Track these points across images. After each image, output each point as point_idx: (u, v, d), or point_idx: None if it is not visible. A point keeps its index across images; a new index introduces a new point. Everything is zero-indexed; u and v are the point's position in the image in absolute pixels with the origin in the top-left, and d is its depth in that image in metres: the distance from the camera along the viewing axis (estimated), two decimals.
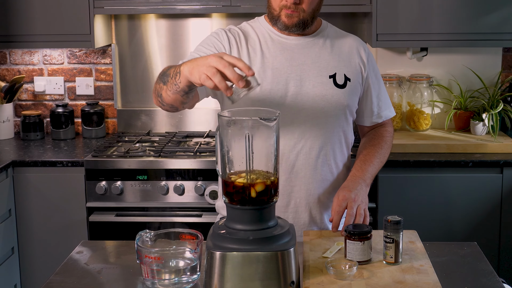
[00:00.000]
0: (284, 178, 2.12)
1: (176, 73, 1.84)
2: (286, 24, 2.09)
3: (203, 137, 3.51)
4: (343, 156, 2.21)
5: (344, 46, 2.19)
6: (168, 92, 1.91)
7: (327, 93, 2.12)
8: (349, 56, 2.18)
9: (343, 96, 2.13)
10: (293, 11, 2.07)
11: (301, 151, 2.11)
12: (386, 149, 2.27)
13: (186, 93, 1.90)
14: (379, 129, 2.32)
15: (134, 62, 3.65)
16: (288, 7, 2.06)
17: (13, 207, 3.15)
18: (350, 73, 2.16)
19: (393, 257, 1.75)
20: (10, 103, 3.61)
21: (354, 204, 1.99)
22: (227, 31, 2.17)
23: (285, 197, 2.14)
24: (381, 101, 2.27)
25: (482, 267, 1.87)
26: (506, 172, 3.04)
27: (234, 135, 1.67)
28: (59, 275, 1.85)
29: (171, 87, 1.88)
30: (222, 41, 2.14)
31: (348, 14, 3.52)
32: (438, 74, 3.54)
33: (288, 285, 1.63)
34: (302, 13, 2.08)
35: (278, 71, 2.10)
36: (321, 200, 2.16)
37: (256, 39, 2.15)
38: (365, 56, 2.21)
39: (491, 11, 3.18)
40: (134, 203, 3.11)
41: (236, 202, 1.67)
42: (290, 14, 2.07)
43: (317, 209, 2.16)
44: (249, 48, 2.14)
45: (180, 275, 1.71)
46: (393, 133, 2.35)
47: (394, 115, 2.35)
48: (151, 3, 3.29)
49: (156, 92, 1.99)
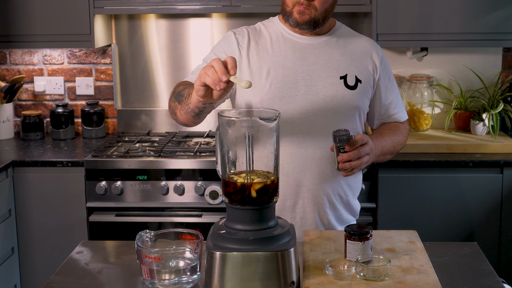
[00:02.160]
0: (292, 177, 2.12)
1: (189, 94, 1.94)
2: (298, 20, 2.10)
3: (203, 137, 3.51)
4: None
5: (356, 48, 2.19)
6: (182, 111, 2.02)
7: (337, 93, 2.12)
8: (361, 57, 2.18)
9: (353, 97, 2.13)
10: (305, 8, 2.07)
11: (309, 151, 2.11)
12: (400, 136, 2.25)
13: (196, 115, 1.99)
14: (395, 122, 2.30)
15: (134, 62, 3.65)
16: (301, 3, 2.07)
17: (13, 207, 3.15)
18: (361, 75, 2.16)
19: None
20: (10, 103, 3.61)
21: (367, 149, 1.99)
22: (236, 32, 2.19)
23: (292, 197, 2.13)
24: (393, 103, 2.26)
25: (482, 267, 1.87)
26: (506, 172, 3.04)
27: (234, 135, 1.67)
28: (59, 275, 1.85)
29: (184, 107, 1.99)
30: (232, 45, 2.16)
31: (348, 14, 3.52)
32: (438, 74, 3.54)
33: (288, 285, 1.63)
34: (314, 11, 2.08)
35: (288, 70, 2.11)
36: (330, 201, 2.16)
37: (268, 38, 2.17)
38: (378, 59, 2.21)
39: (491, 11, 3.18)
40: (134, 203, 3.11)
41: (236, 202, 1.67)
42: (302, 11, 2.08)
43: (324, 210, 2.16)
44: (260, 47, 2.15)
45: (180, 275, 1.71)
46: (408, 131, 2.33)
47: (406, 118, 2.32)
48: (151, 3, 3.29)
49: (171, 109, 2.09)
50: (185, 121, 2.07)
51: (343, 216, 2.20)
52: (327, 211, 2.16)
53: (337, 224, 2.19)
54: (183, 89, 2.02)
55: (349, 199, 2.20)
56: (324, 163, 2.12)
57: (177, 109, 2.04)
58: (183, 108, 1.99)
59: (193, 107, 1.92)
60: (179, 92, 2.04)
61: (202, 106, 1.90)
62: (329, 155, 2.11)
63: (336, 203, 2.17)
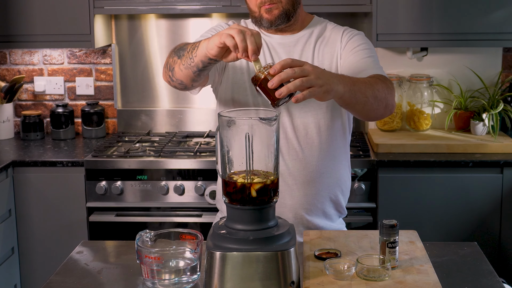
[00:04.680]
0: None
1: (194, 47, 1.85)
2: (269, 19, 2.08)
3: (203, 137, 3.51)
4: (345, 148, 2.20)
5: (329, 39, 2.16)
6: (181, 66, 1.91)
7: None
8: (332, 48, 2.14)
9: None
10: (270, 4, 2.06)
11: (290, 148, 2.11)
12: (373, 79, 1.94)
13: (199, 70, 1.89)
14: None
15: (134, 62, 3.65)
16: (264, 2, 2.06)
17: (13, 207, 3.15)
18: (333, 65, 2.13)
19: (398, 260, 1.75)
20: (10, 103, 3.61)
21: (304, 70, 1.67)
22: (228, 24, 2.19)
23: None
24: (360, 67, 2.04)
25: (482, 267, 1.87)
26: (506, 172, 3.04)
27: (234, 135, 1.67)
28: (59, 275, 1.85)
29: (186, 61, 1.89)
30: None
31: (348, 14, 3.52)
32: (438, 74, 3.54)
33: (288, 285, 1.63)
34: (280, 4, 2.07)
35: None
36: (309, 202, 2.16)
37: None
38: (346, 40, 2.13)
39: (491, 11, 3.18)
40: (134, 203, 3.11)
41: (236, 202, 1.67)
42: (269, 9, 2.07)
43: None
44: None
45: (180, 275, 1.71)
46: (387, 80, 1.99)
47: (383, 75, 2.01)
48: (151, 3, 3.29)
49: (168, 66, 1.98)
50: (182, 78, 1.94)
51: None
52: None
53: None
54: (186, 44, 1.95)
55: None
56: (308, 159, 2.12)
57: (175, 64, 1.93)
58: (184, 62, 1.89)
59: (197, 61, 1.84)
60: (181, 47, 1.95)
61: (208, 61, 1.84)
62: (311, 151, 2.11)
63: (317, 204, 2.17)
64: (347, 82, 1.80)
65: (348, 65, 2.06)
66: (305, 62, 1.69)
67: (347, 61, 2.07)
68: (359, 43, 2.10)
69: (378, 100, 1.89)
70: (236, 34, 1.69)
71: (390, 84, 1.98)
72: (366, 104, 1.87)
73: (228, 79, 2.14)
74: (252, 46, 1.69)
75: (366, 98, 1.85)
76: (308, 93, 1.66)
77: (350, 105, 1.86)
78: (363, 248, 1.86)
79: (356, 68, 2.03)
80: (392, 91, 1.96)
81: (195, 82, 1.97)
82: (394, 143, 3.20)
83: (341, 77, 1.81)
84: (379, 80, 1.94)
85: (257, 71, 1.69)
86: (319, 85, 1.68)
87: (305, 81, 1.65)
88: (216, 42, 1.73)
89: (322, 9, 3.23)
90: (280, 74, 1.64)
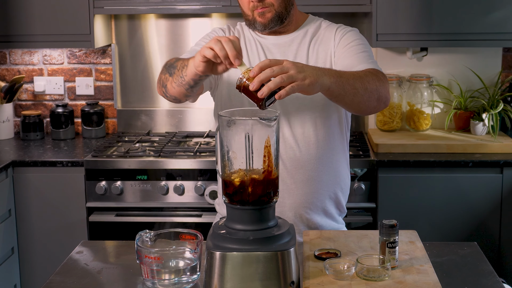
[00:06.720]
0: None
1: (183, 66, 1.88)
2: (263, 23, 2.09)
3: (203, 137, 3.51)
4: (342, 147, 2.20)
5: (323, 38, 2.16)
6: (173, 84, 1.94)
7: None
8: (326, 46, 2.14)
9: None
10: (262, 7, 2.07)
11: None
12: (363, 72, 1.93)
13: (191, 87, 1.92)
14: None
15: (134, 62, 3.65)
16: (256, 6, 2.07)
17: (13, 207, 3.15)
18: (328, 63, 2.12)
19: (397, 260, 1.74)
20: (10, 103, 3.61)
21: (284, 67, 1.67)
22: (223, 29, 2.20)
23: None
24: (354, 61, 2.03)
25: (482, 267, 1.87)
26: (506, 172, 3.04)
27: (234, 135, 1.67)
28: (59, 275, 1.85)
29: (177, 79, 1.92)
30: None
31: (348, 14, 3.52)
32: (438, 74, 3.54)
33: (288, 285, 1.63)
34: (272, 7, 2.07)
35: None
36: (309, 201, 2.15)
37: (242, 39, 2.18)
38: (339, 37, 2.13)
39: (491, 11, 3.18)
40: (134, 203, 3.11)
41: (236, 202, 1.67)
42: (262, 12, 2.07)
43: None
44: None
45: (180, 275, 1.71)
46: (380, 73, 1.98)
47: (376, 68, 2.00)
48: (151, 3, 3.29)
49: (161, 82, 2.01)
50: (176, 95, 1.98)
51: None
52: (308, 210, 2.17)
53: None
54: (176, 61, 1.97)
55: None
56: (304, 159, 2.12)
57: (167, 81, 1.97)
58: (176, 80, 1.92)
59: (188, 79, 1.87)
60: (171, 64, 1.98)
61: (199, 78, 1.86)
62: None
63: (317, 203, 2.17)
64: (333, 74, 1.80)
65: (341, 62, 2.07)
66: (284, 60, 1.70)
67: (341, 58, 2.08)
68: (352, 39, 2.11)
69: (368, 91, 1.87)
70: (213, 45, 1.72)
71: (382, 76, 1.96)
72: (356, 95, 1.85)
73: (224, 83, 2.15)
74: (231, 52, 1.71)
75: (355, 90, 1.84)
76: (290, 88, 1.67)
77: (339, 97, 1.84)
78: (363, 248, 1.86)
79: (349, 63, 2.03)
80: (384, 83, 1.94)
81: (188, 96, 2.00)
82: (394, 143, 3.20)
83: (326, 70, 1.81)
84: (369, 72, 1.93)
85: (239, 77, 1.71)
86: (301, 78, 1.68)
87: (286, 77, 1.66)
88: (199, 58, 1.76)
89: (322, 9, 3.23)
90: (259, 75, 1.66)
